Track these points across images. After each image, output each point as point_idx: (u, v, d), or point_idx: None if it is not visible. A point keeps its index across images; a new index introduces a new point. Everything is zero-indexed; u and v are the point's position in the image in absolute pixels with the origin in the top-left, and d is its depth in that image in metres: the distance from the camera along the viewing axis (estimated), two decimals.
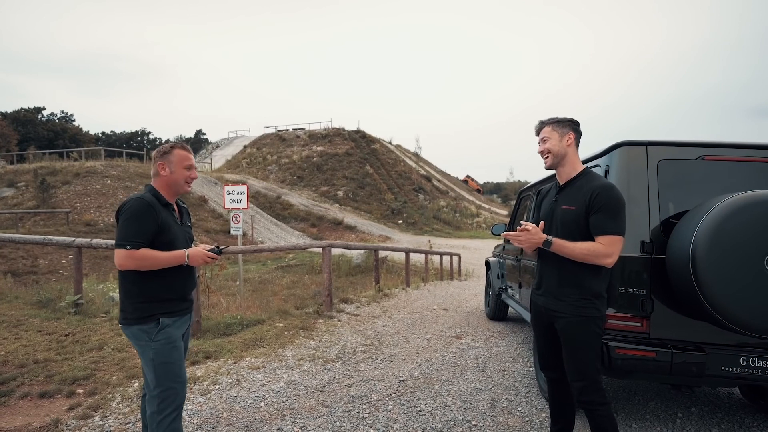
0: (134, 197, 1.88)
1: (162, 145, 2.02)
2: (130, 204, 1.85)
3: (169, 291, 1.95)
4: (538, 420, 2.89)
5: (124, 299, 1.91)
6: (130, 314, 1.88)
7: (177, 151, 2.00)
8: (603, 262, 1.94)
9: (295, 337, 4.62)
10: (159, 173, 1.98)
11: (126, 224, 1.82)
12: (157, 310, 1.91)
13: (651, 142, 2.67)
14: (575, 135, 2.14)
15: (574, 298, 2.02)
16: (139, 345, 1.90)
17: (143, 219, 1.84)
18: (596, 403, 1.99)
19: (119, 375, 3.40)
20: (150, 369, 1.90)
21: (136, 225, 1.81)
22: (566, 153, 2.12)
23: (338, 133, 48.17)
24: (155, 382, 1.90)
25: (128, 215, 1.83)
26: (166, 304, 1.94)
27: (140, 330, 1.88)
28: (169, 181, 1.98)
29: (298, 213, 30.38)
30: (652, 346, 2.45)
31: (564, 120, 2.15)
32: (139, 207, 1.84)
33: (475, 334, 5.13)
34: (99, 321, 4.83)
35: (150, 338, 1.88)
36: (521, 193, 5.28)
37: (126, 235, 1.80)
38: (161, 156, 1.99)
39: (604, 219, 1.95)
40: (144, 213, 1.84)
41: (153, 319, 1.90)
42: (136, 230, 1.82)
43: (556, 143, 2.12)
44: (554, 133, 2.13)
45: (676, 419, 2.97)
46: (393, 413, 2.93)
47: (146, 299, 1.89)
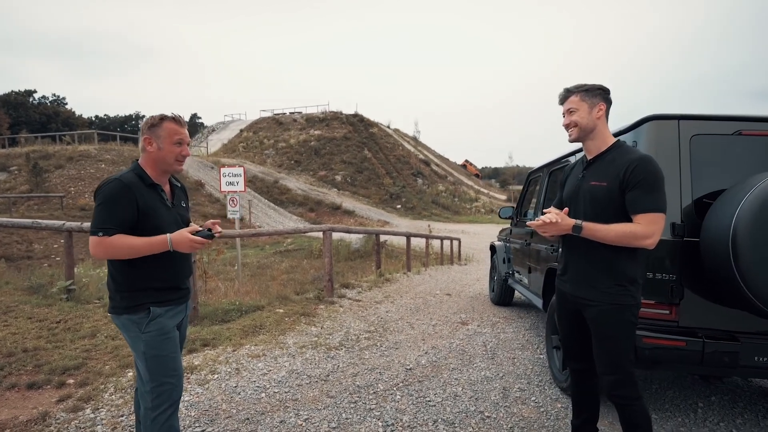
0: (112, 178, 1.67)
1: (150, 116, 1.77)
2: (105, 187, 1.65)
3: (158, 279, 1.75)
4: (554, 411, 2.75)
5: (112, 287, 1.74)
6: (118, 303, 1.72)
7: (167, 123, 1.74)
8: (643, 244, 1.75)
9: (296, 324, 4.46)
10: (145, 148, 1.75)
11: (100, 209, 1.63)
12: (147, 299, 1.72)
13: (683, 116, 2.46)
14: (606, 105, 1.93)
15: (607, 285, 1.84)
16: (130, 336, 1.74)
17: (119, 203, 1.63)
18: (630, 398, 1.83)
19: (112, 364, 3.23)
20: (142, 362, 1.74)
21: (110, 210, 1.62)
22: (595, 126, 1.91)
23: (336, 116, 47.48)
24: (148, 376, 1.73)
25: (102, 199, 1.63)
26: (156, 293, 1.75)
27: (129, 320, 1.71)
28: (156, 158, 1.75)
29: (296, 198, 30.09)
30: (682, 335, 2.28)
31: (594, 88, 1.92)
32: (114, 190, 1.64)
33: (481, 320, 4.99)
34: (92, 307, 4.65)
35: (140, 329, 1.71)
36: (530, 175, 5.07)
37: (99, 221, 1.62)
38: (148, 129, 1.74)
39: (643, 195, 1.75)
40: (120, 196, 1.63)
41: (143, 308, 1.71)
42: (110, 215, 1.62)
43: (585, 115, 1.90)
44: (583, 103, 1.91)
45: (698, 409, 2.83)
46: (401, 404, 2.78)
47: (134, 288, 1.71)
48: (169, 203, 1.81)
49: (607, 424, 2.55)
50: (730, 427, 2.61)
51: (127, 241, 1.64)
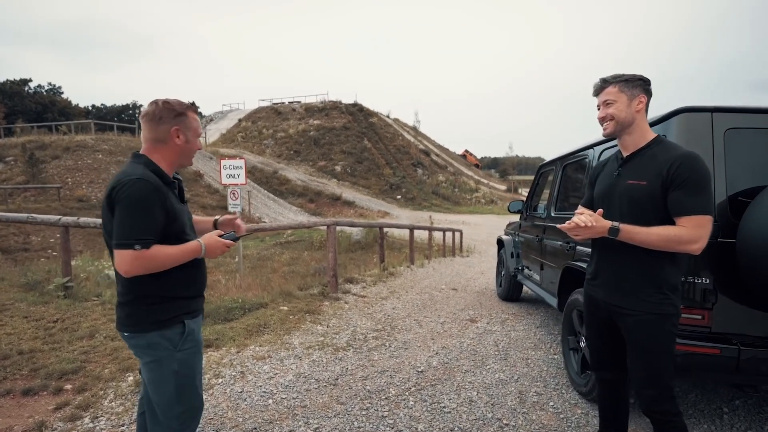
0: (134, 178, 1.38)
1: (166, 101, 1.50)
2: (130, 187, 1.36)
3: (188, 286, 1.56)
4: (574, 417, 2.64)
5: (134, 300, 1.47)
6: (144, 318, 1.46)
7: (192, 114, 1.55)
8: (688, 249, 1.60)
9: (301, 322, 4.33)
10: (170, 140, 1.50)
11: (129, 215, 1.35)
12: (180, 311, 1.52)
13: (717, 108, 2.29)
14: (647, 97, 1.76)
15: (647, 293, 1.70)
16: (155, 357, 1.48)
17: (151, 208, 1.38)
18: (670, 414, 1.70)
19: (112, 367, 3.10)
20: (170, 385, 1.50)
21: (142, 216, 1.37)
22: (634, 119, 1.75)
23: (335, 106, 47.00)
24: (177, 399, 1.51)
25: (131, 203, 1.35)
26: (187, 303, 1.55)
27: (161, 337, 1.47)
28: (181, 152, 1.54)
29: (295, 188, 29.88)
30: (716, 342, 2.15)
31: (634, 78, 1.75)
32: (144, 192, 1.37)
33: (490, 317, 4.87)
34: (90, 305, 4.52)
35: (175, 346, 1.49)
36: (541, 168, 4.91)
37: (132, 230, 1.35)
38: (175, 118, 1.50)
39: (688, 196, 1.60)
40: (152, 200, 1.38)
41: (176, 321, 1.50)
42: (145, 224, 1.37)
43: (624, 108, 1.74)
44: (621, 95, 1.74)
45: (723, 415, 2.72)
46: (415, 411, 2.66)
47: (166, 298, 1.48)
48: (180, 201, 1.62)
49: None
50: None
51: (165, 251, 1.41)
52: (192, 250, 1.48)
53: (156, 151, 1.51)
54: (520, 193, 46.15)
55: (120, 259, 1.36)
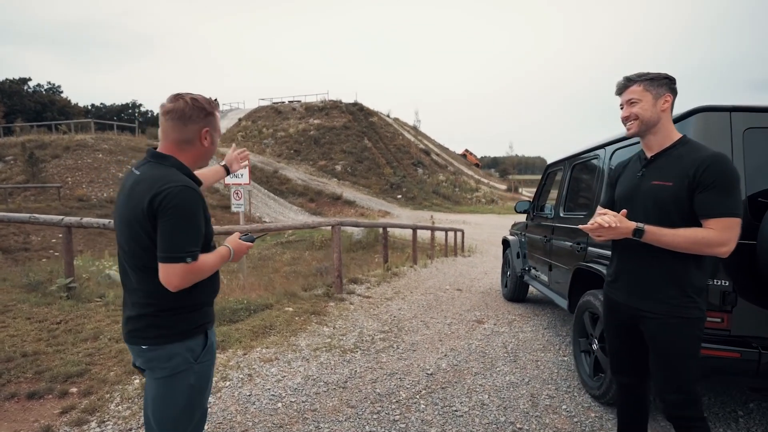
0: (180, 185, 1.27)
1: (193, 98, 1.37)
2: (178, 196, 1.25)
3: (211, 292, 1.47)
4: (588, 421, 2.60)
5: (157, 311, 1.34)
6: (169, 328, 1.35)
7: (218, 113, 1.44)
8: (716, 252, 1.56)
9: (306, 324, 4.29)
10: (197, 142, 1.39)
11: (180, 227, 1.26)
12: (203, 319, 1.42)
13: (736, 108, 2.25)
14: (672, 96, 1.72)
15: (671, 296, 1.65)
16: (174, 370, 1.36)
17: (197, 217, 1.30)
18: (695, 419, 1.66)
19: (117, 370, 3.06)
20: (182, 401, 1.39)
21: (191, 226, 1.28)
22: (659, 119, 1.70)
23: (335, 105, 46.93)
24: (186, 415, 1.40)
25: (181, 214, 1.25)
26: (208, 310, 1.46)
27: (184, 348, 1.37)
28: (205, 154, 1.43)
29: (296, 188, 29.83)
30: (736, 346, 2.11)
31: (659, 77, 1.71)
32: (192, 200, 1.28)
33: (497, 318, 4.83)
34: (94, 306, 4.47)
35: (195, 358, 1.39)
36: (549, 168, 4.86)
37: (183, 243, 1.25)
38: (205, 118, 1.38)
39: (717, 198, 1.55)
40: (197, 208, 1.30)
41: (200, 331, 1.41)
42: (194, 234, 1.29)
43: (649, 107, 1.69)
44: (646, 93, 1.69)
45: (738, 418, 2.68)
46: (427, 414, 2.62)
47: (191, 306, 1.38)
48: None
49: None
50: None
51: (207, 260, 1.33)
52: (223, 256, 1.43)
53: (181, 152, 1.39)
54: (520, 193, 46.12)
55: (169, 274, 1.25)
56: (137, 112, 72.04)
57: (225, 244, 1.48)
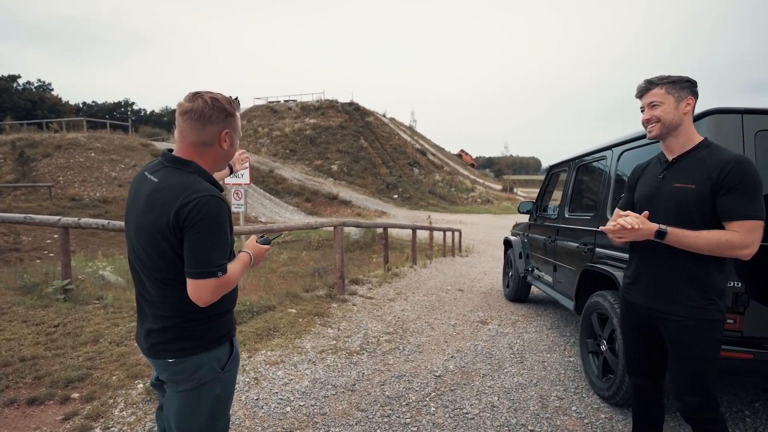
0: (207, 195, 1.20)
1: (213, 97, 1.27)
2: (206, 207, 1.18)
3: (233, 299, 1.42)
4: (598, 422, 2.58)
5: (181, 323, 1.28)
6: (196, 340, 1.29)
7: (238, 114, 1.35)
8: (739, 255, 1.55)
9: (310, 325, 4.24)
10: (216, 144, 1.30)
11: (210, 241, 1.19)
12: (229, 326, 1.38)
13: (747, 110, 2.25)
14: (695, 99, 1.71)
15: (692, 298, 1.64)
16: (200, 381, 1.30)
17: (226, 228, 1.24)
18: (714, 421, 1.65)
19: (120, 374, 3.00)
20: (206, 412, 1.33)
21: (223, 240, 1.22)
22: (681, 122, 1.70)
23: (331, 105, 46.83)
24: (211, 426, 1.35)
25: (212, 227, 1.19)
26: (230, 317, 1.41)
27: (211, 358, 1.31)
28: (225, 157, 1.35)
29: (291, 187, 29.70)
30: (749, 347, 2.11)
31: (681, 80, 1.69)
32: (221, 212, 1.22)
33: (501, 319, 4.82)
34: (92, 308, 4.39)
35: (221, 367, 1.34)
36: (552, 168, 4.86)
37: (214, 257, 1.19)
38: (225, 118, 1.29)
39: (740, 200, 1.54)
40: (227, 220, 1.24)
41: (226, 339, 1.36)
42: (224, 247, 1.23)
43: (671, 110, 1.68)
44: (669, 96, 1.68)
45: (745, 418, 2.68)
46: (437, 417, 2.60)
47: (216, 315, 1.33)
48: None
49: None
50: None
51: (233, 270, 1.28)
52: (245, 263, 1.38)
53: (200, 156, 1.30)
54: (515, 193, 46.30)
55: (201, 290, 1.19)
56: (130, 111, 71.40)
57: (244, 250, 1.43)
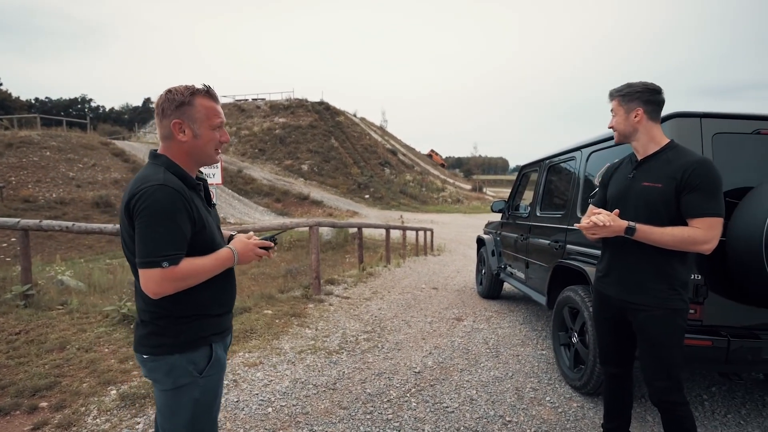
0: (155, 184, 1.19)
1: (170, 89, 1.29)
2: (151, 196, 1.17)
3: (220, 301, 1.38)
4: (571, 411, 2.72)
5: (157, 318, 1.28)
6: (168, 338, 1.28)
7: (200, 100, 1.29)
8: (700, 249, 1.68)
9: (288, 326, 4.21)
10: (174, 137, 1.29)
11: (154, 230, 1.17)
12: (208, 330, 1.34)
13: (706, 114, 2.43)
14: (644, 109, 1.82)
15: (659, 289, 1.77)
16: (177, 383, 1.29)
17: (177, 218, 1.20)
18: (678, 404, 1.78)
19: (91, 381, 2.89)
20: (186, 414, 1.31)
21: (168, 228, 1.18)
22: (635, 129, 1.84)
23: (301, 104, 46.33)
24: (191, 429, 1.33)
25: (155, 215, 1.17)
26: (216, 321, 1.37)
27: (185, 360, 1.29)
28: (191, 150, 1.31)
29: (261, 188, 29.19)
30: (708, 335, 2.28)
31: (632, 92, 1.82)
32: (167, 199, 1.19)
33: (475, 315, 4.95)
34: (55, 314, 4.19)
35: (199, 372, 1.32)
36: (524, 168, 5.03)
37: (157, 246, 1.17)
38: (176, 109, 1.27)
39: (702, 199, 1.68)
40: (177, 209, 1.20)
41: (204, 343, 1.33)
42: (171, 237, 1.18)
43: (622, 120, 1.86)
44: (620, 108, 1.86)
45: (704, 402, 2.89)
46: (419, 412, 2.65)
47: (193, 316, 1.30)
48: (207, 205, 1.41)
49: (639, 426, 2.53)
50: (737, 418, 2.67)
51: (197, 264, 1.23)
52: (225, 259, 1.31)
53: (169, 150, 1.31)
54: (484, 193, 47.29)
55: (146, 280, 1.18)
56: (88, 108, 67.99)
57: (229, 247, 1.36)
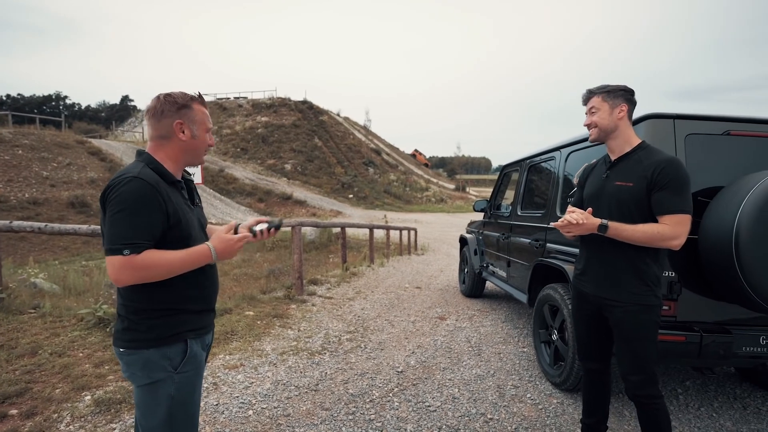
0: (128, 176, 1.25)
1: (168, 94, 1.38)
2: (122, 188, 1.22)
3: (195, 299, 1.38)
4: (551, 407, 2.76)
5: (132, 312, 1.30)
6: (143, 333, 1.29)
7: (197, 106, 1.41)
8: (669, 245, 1.74)
9: (270, 327, 4.17)
10: (173, 135, 1.36)
11: (119, 218, 1.21)
12: (184, 327, 1.35)
13: (679, 115, 2.50)
14: (628, 106, 1.89)
15: (634, 285, 1.82)
16: (150, 377, 1.31)
17: (145, 209, 1.23)
18: (653, 397, 1.83)
19: (63, 387, 2.80)
20: (162, 411, 1.32)
21: (134, 218, 1.22)
22: (617, 126, 1.88)
23: (284, 103, 45.90)
24: (168, 427, 1.33)
25: (123, 204, 1.21)
26: (193, 318, 1.38)
27: (159, 356, 1.30)
28: (187, 149, 1.39)
29: (243, 187, 28.81)
30: (682, 330, 2.35)
31: (616, 89, 1.89)
32: (137, 191, 1.22)
33: (458, 314, 4.98)
34: (27, 318, 4.04)
35: (174, 367, 1.33)
36: (505, 168, 5.09)
37: (121, 234, 1.20)
38: (178, 111, 1.36)
39: (671, 196, 1.73)
40: (146, 200, 1.23)
41: (179, 339, 1.33)
42: (135, 226, 1.22)
43: (606, 116, 1.88)
44: (604, 104, 1.89)
45: (678, 395, 2.97)
46: (401, 411, 2.65)
47: (168, 311, 1.32)
48: (189, 204, 1.44)
49: (616, 421, 2.59)
50: (710, 411, 2.75)
51: (162, 257, 1.24)
52: (199, 254, 1.31)
53: (160, 149, 1.37)
54: (468, 192, 47.72)
55: (109, 266, 1.21)
56: (63, 105, 65.94)
57: (207, 243, 1.34)
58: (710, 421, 2.62)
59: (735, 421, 2.63)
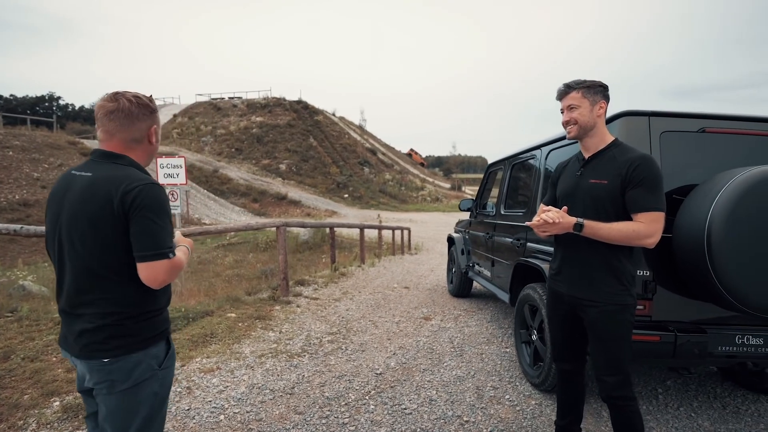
0: (149, 182, 1.29)
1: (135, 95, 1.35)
2: (151, 192, 1.26)
3: (168, 294, 1.45)
4: (529, 409, 2.72)
5: (120, 320, 1.28)
6: (133, 337, 1.29)
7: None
8: (645, 243, 1.70)
9: (251, 329, 4.11)
10: (146, 140, 1.38)
11: (159, 223, 1.26)
12: (166, 323, 1.41)
13: (653, 113, 2.47)
14: (606, 103, 1.85)
15: (609, 284, 1.78)
16: (138, 379, 1.29)
17: (170, 213, 1.35)
18: (627, 398, 1.80)
19: (33, 392, 2.74)
20: (146, 410, 1.31)
21: (168, 223, 1.31)
22: (596, 123, 1.84)
23: (279, 103, 45.74)
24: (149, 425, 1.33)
25: (158, 209, 1.27)
26: (166, 314, 1.44)
27: (148, 356, 1.32)
28: (151, 154, 1.43)
29: (237, 188, 28.70)
30: (656, 330, 2.32)
31: (595, 85, 1.84)
32: (164, 197, 1.32)
33: (443, 314, 4.95)
34: (3, 322, 3.98)
35: (158, 364, 1.35)
36: (490, 167, 5.06)
37: (165, 238, 1.27)
38: (151, 115, 1.37)
39: (645, 194, 1.70)
40: (169, 205, 1.35)
41: (163, 336, 1.38)
42: (170, 230, 1.31)
43: (587, 113, 1.83)
44: (584, 100, 1.83)
45: (658, 395, 2.95)
46: (376, 415, 2.61)
47: (153, 311, 1.35)
48: None
49: (594, 422, 2.56)
50: (689, 410, 2.73)
51: (181, 256, 1.36)
52: (188, 252, 1.47)
53: (132, 152, 1.36)
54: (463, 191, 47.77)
55: (156, 271, 1.24)
56: (56, 106, 65.46)
57: (182, 243, 1.52)
58: (688, 421, 2.59)
59: (713, 420, 2.60)
